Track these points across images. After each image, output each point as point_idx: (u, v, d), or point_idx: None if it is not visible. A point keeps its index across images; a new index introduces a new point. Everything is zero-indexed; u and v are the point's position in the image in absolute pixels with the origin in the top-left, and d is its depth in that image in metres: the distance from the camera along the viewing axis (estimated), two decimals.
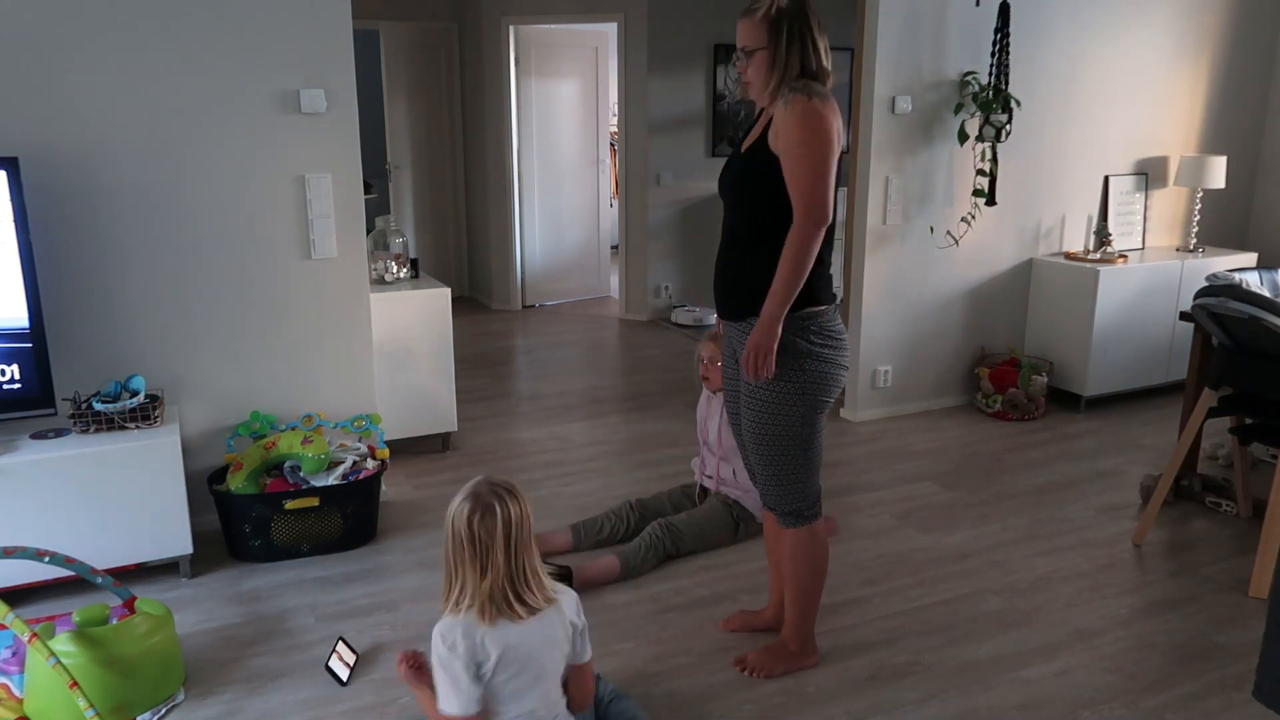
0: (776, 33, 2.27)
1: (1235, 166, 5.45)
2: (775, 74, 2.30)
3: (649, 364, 5.91)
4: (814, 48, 2.30)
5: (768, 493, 2.52)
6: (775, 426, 2.41)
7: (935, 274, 4.79)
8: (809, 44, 2.30)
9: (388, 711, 2.49)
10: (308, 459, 3.28)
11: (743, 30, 2.33)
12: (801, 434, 2.42)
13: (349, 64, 3.44)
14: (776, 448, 2.43)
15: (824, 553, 2.59)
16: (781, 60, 2.29)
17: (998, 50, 4.54)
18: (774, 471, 2.47)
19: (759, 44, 2.29)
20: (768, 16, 2.27)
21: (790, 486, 2.48)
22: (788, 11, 2.27)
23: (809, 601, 2.62)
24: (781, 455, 2.44)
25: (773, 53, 2.29)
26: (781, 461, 2.45)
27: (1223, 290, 3.17)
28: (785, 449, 2.43)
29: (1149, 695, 2.56)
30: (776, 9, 2.27)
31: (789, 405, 2.38)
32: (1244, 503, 3.68)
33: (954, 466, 4.20)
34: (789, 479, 2.47)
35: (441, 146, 7.56)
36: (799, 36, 2.28)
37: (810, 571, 2.58)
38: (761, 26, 2.28)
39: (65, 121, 3.09)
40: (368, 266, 3.72)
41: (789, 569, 2.60)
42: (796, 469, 2.46)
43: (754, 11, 2.30)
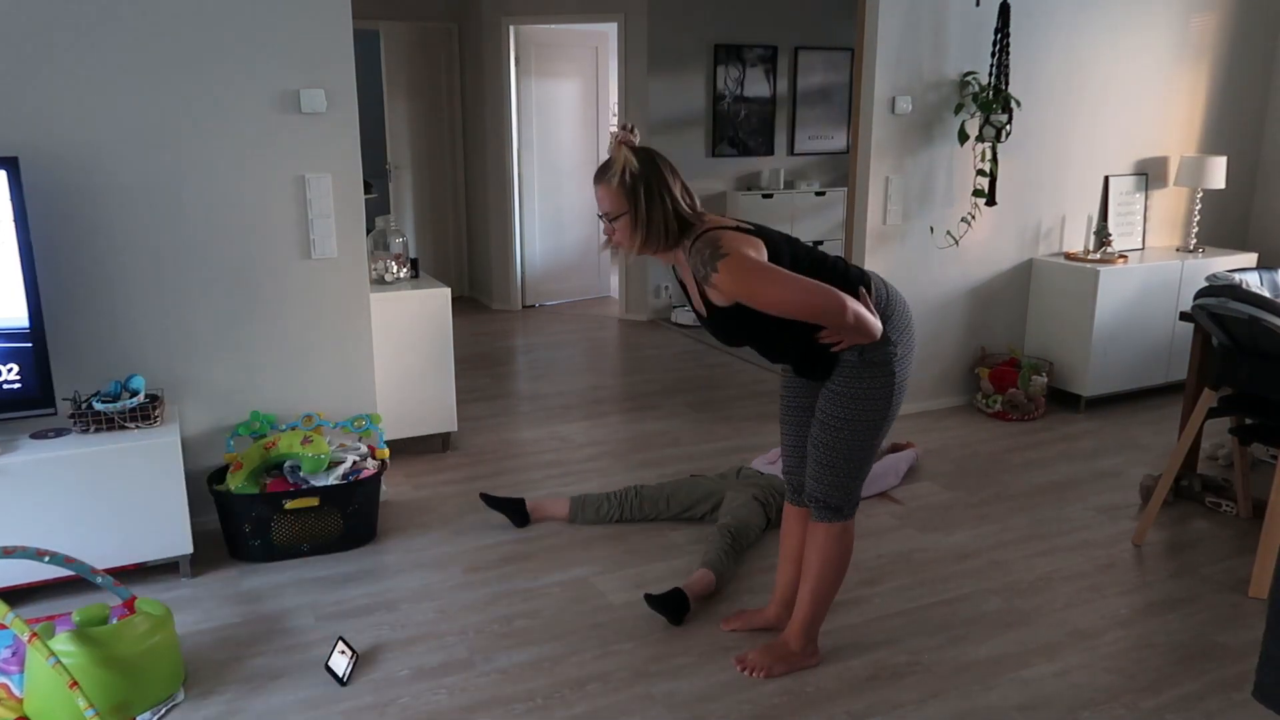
0: (634, 196, 2.31)
1: (1235, 166, 5.46)
2: (640, 233, 2.34)
3: (649, 364, 5.91)
4: (673, 198, 2.33)
5: (818, 484, 2.53)
6: (858, 432, 2.45)
7: (935, 274, 4.79)
8: (667, 198, 2.33)
9: (388, 711, 2.49)
10: (308, 459, 3.28)
11: (601, 195, 2.36)
12: (875, 439, 2.49)
13: (349, 64, 3.44)
14: (848, 448, 2.47)
15: (849, 553, 2.61)
16: (643, 220, 2.33)
17: (998, 50, 4.54)
18: (834, 467, 2.49)
19: (620, 209, 2.33)
20: (623, 183, 2.30)
21: (844, 482, 2.51)
22: (641, 174, 2.31)
23: (823, 600, 2.63)
24: (849, 455, 2.48)
25: (634, 215, 2.33)
26: (846, 460, 2.48)
27: (1223, 290, 3.17)
28: (855, 450, 2.47)
29: (1149, 695, 2.56)
30: (630, 175, 2.30)
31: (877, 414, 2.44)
32: (1244, 503, 3.68)
33: (954, 466, 4.20)
34: (846, 475, 2.50)
35: (441, 146, 7.56)
36: (657, 194, 2.32)
37: (834, 569, 2.60)
38: (618, 193, 2.31)
39: (65, 121, 3.09)
40: (368, 266, 3.72)
41: (814, 563, 2.60)
42: (856, 467, 2.50)
43: (607, 178, 2.33)
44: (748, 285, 2.27)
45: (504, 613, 2.97)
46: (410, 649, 2.77)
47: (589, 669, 2.67)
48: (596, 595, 3.07)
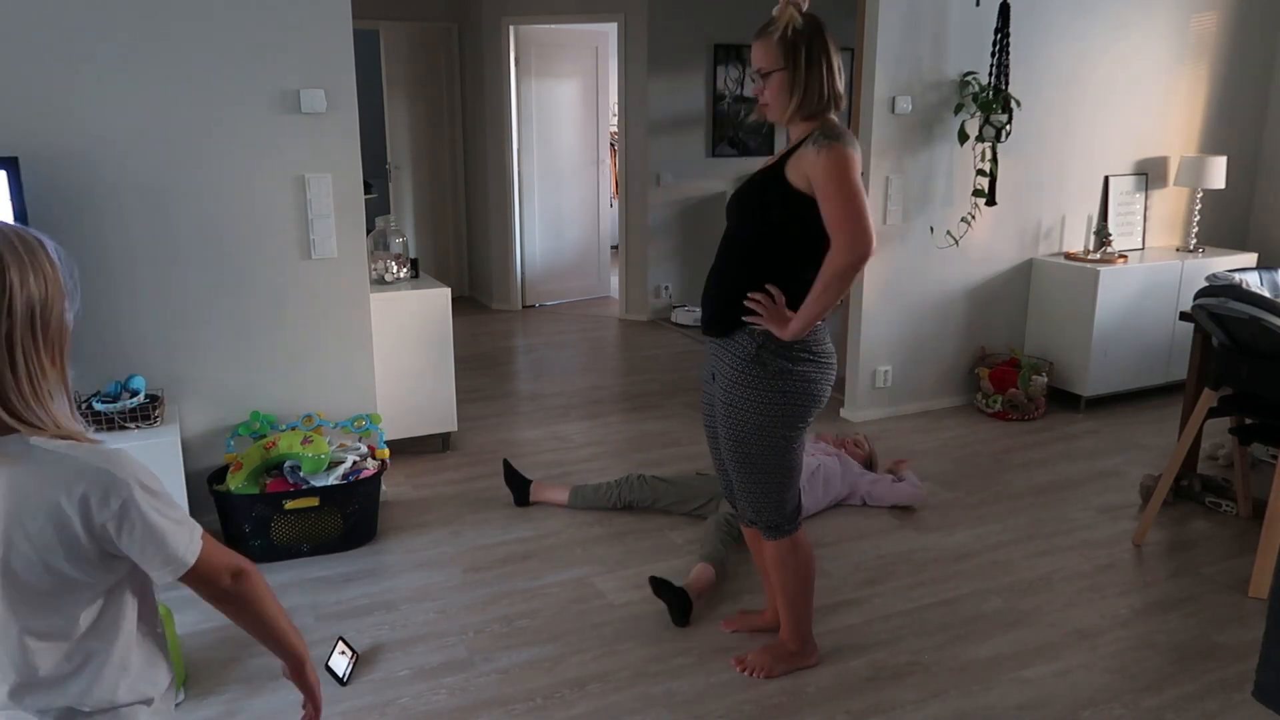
0: (795, 55, 2.24)
1: (1235, 166, 5.45)
2: (794, 97, 2.27)
3: (649, 364, 5.91)
4: (830, 71, 2.27)
5: (746, 506, 2.53)
6: (755, 443, 2.41)
7: (935, 274, 4.79)
8: (827, 67, 2.26)
9: (388, 711, 2.49)
10: (308, 459, 3.28)
11: (759, 51, 2.28)
12: (780, 450, 2.42)
13: (349, 64, 3.44)
14: (755, 463, 2.43)
15: (808, 561, 2.59)
16: (801, 83, 2.25)
17: (998, 50, 4.54)
18: (753, 486, 2.47)
19: (776, 65, 2.26)
20: (784, 39, 2.23)
21: (769, 500, 2.48)
22: (805, 33, 2.24)
23: (800, 607, 2.62)
24: (760, 470, 2.44)
25: (791, 75, 2.25)
26: (760, 476, 2.45)
27: (1223, 290, 3.17)
28: (764, 464, 2.43)
29: (1149, 695, 2.56)
30: (793, 30, 2.23)
31: (769, 423, 2.38)
32: (1244, 503, 3.67)
33: (954, 466, 4.20)
34: (768, 493, 2.47)
35: (441, 146, 7.55)
36: (817, 60, 2.25)
37: (796, 580, 2.58)
38: (778, 49, 2.24)
39: (65, 121, 3.09)
40: (368, 266, 3.72)
41: (776, 579, 2.61)
42: (775, 483, 2.46)
43: (770, 33, 2.26)
44: (838, 174, 2.20)
45: (504, 613, 2.97)
46: (410, 649, 2.77)
47: (589, 669, 2.67)
48: (596, 595, 3.07)
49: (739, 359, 2.38)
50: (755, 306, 2.33)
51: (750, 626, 2.86)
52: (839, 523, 3.60)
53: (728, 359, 2.42)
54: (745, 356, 2.37)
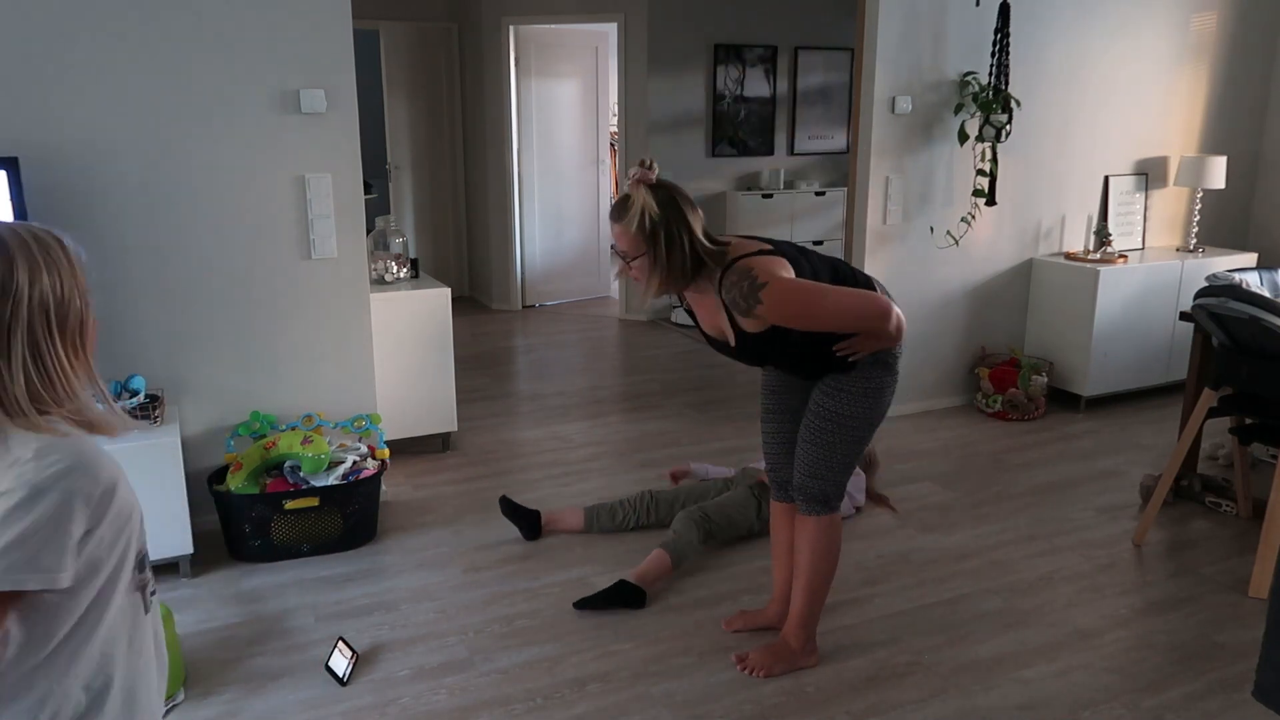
0: (653, 240, 2.28)
1: (1235, 166, 5.45)
2: (659, 274, 2.31)
3: (649, 364, 5.91)
4: (692, 236, 2.30)
5: (807, 477, 2.54)
6: (851, 426, 2.47)
7: (935, 274, 4.79)
8: (687, 238, 2.29)
9: (388, 711, 2.49)
10: (308, 459, 3.28)
11: (618, 234, 2.32)
12: (867, 434, 2.52)
13: (349, 64, 3.44)
14: (841, 442, 2.49)
15: (838, 545, 2.63)
16: (663, 263, 2.30)
17: (998, 50, 4.54)
18: (825, 460, 2.51)
19: (638, 250, 2.30)
20: (641, 227, 2.27)
21: (832, 475, 2.52)
22: (660, 216, 2.26)
23: (818, 593, 2.64)
24: (841, 448, 2.49)
25: (653, 257, 2.30)
26: (837, 454, 2.50)
27: (1223, 290, 3.17)
28: (847, 443, 2.49)
29: (1149, 695, 2.56)
30: (650, 219, 2.26)
31: (874, 410, 2.47)
32: (1244, 503, 3.67)
33: (954, 466, 4.20)
34: (835, 468, 2.52)
35: (441, 146, 7.55)
36: (677, 236, 2.28)
37: (825, 561, 2.61)
38: (636, 236, 2.28)
39: (65, 121, 3.09)
40: (368, 266, 3.72)
41: (805, 557, 2.60)
42: (845, 462, 2.52)
43: (625, 220, 2.28)
44: (797, 308, 2.27)
45: (504, 613, 2.97)
46: (410, 649, 2.77)
47: (589, 669, 2.67)
48: None
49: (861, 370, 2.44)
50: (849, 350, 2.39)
51: (751, 625, 2.86)
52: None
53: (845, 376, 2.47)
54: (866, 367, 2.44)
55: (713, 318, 2.43)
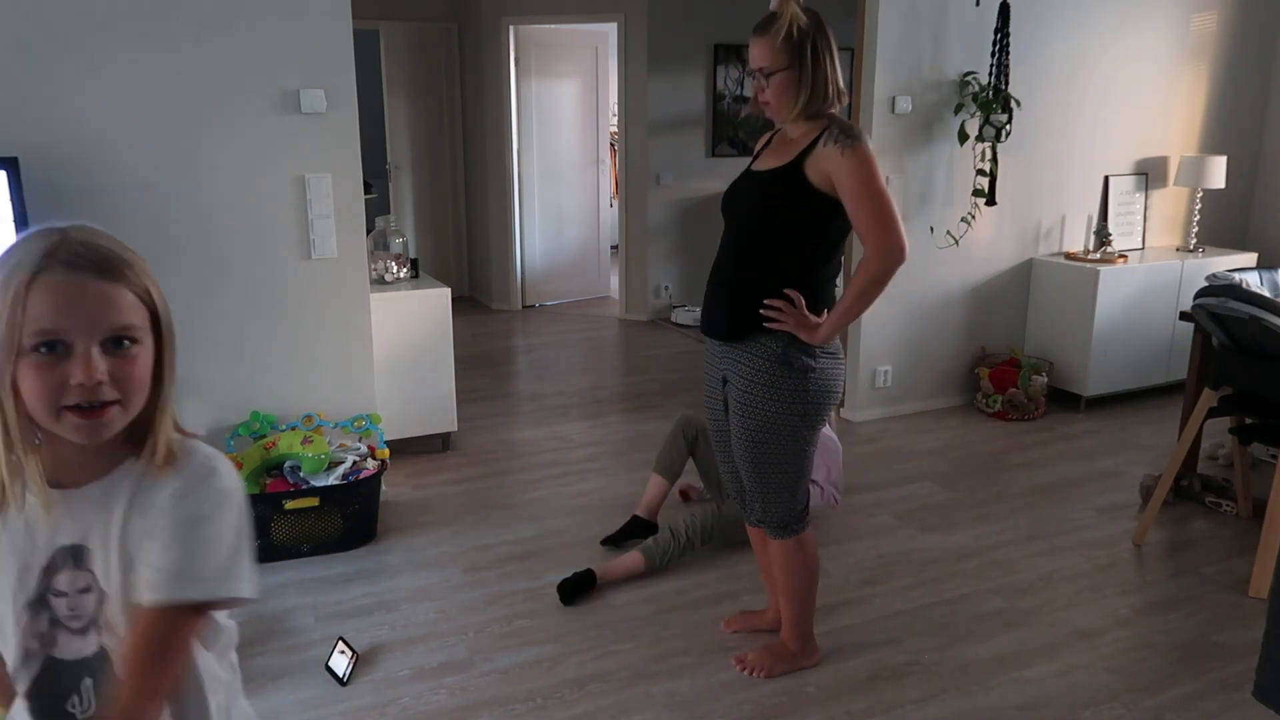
0: (800, 54, 2.18)
1: (1235, 166, 5.45)
2: (800, 96, 2.21)
3: (649, 364, 5.91)
4: (834, 67, 2.23)
5: (756, 506, 2.52)
6: (774, 441, 2.39)
7: (935, 274, 4.79)
8: (830, 64, 2.22)
9: (388, 711, 2.49)
10: (308, 459, 3.28)
11: (760, 50, 2.21)
12: (797, 448, 2.41)
13: (349, 64, 3.44)
14: (772, 461, 2.42)
15: (814, 561, 2.59)
16: (807, 82, 2.20)
17: (998, 50, 4.54)
18: (766, 485, 2.46)
19: (780, 65, 2.19)
20: (789, 37, 2.17)
21: (781, 499, 2.47)
22: (809, 31, 2.18)
23: (803, 607, 2.63)
24: (776, 468, 2.43)
25: (797, 74, 2.19)
26: (774, 475, 2.44)
27: (1223, 290, 3.17)
28: (781, 462, 2.42)
29: (1149, 695, 2.56)
30: (798, 29, 2.17)
31: (792, 421, 2.37)
32: (1244, 503, 3.67)
33: (954, 466, 4.20)
34: (780, 492, 2.46)
35: (441, 146, 7.55)
36: (822, 57, 2.20)
37: (801, 580, 2.59)
38: (782, 48, 2.18)
39: (65, 121, 3.09)
40: (368, 266, 3.72)
41: (781, 579, 2.60)
42: (788, 482, 2.45)
43: (772, 31, 2.18)
44: (868, 176, 2.18)
45: (504, 613, 2.97)
46: (410, 649, 2.77)
47: (589, 669, 2.67)
48: (596, 595, 3.07)
49: (761, 359, 2.34)
50: (777, 315, 2.29)
51: (750, 626, 2.86)
52: (839, 522, 3.60)
53: (746, 360, 2.37)
54: (769, 357, 2.33)
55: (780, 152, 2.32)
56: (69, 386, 1.00)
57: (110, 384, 1.01)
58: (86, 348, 1.00)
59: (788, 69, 2.20)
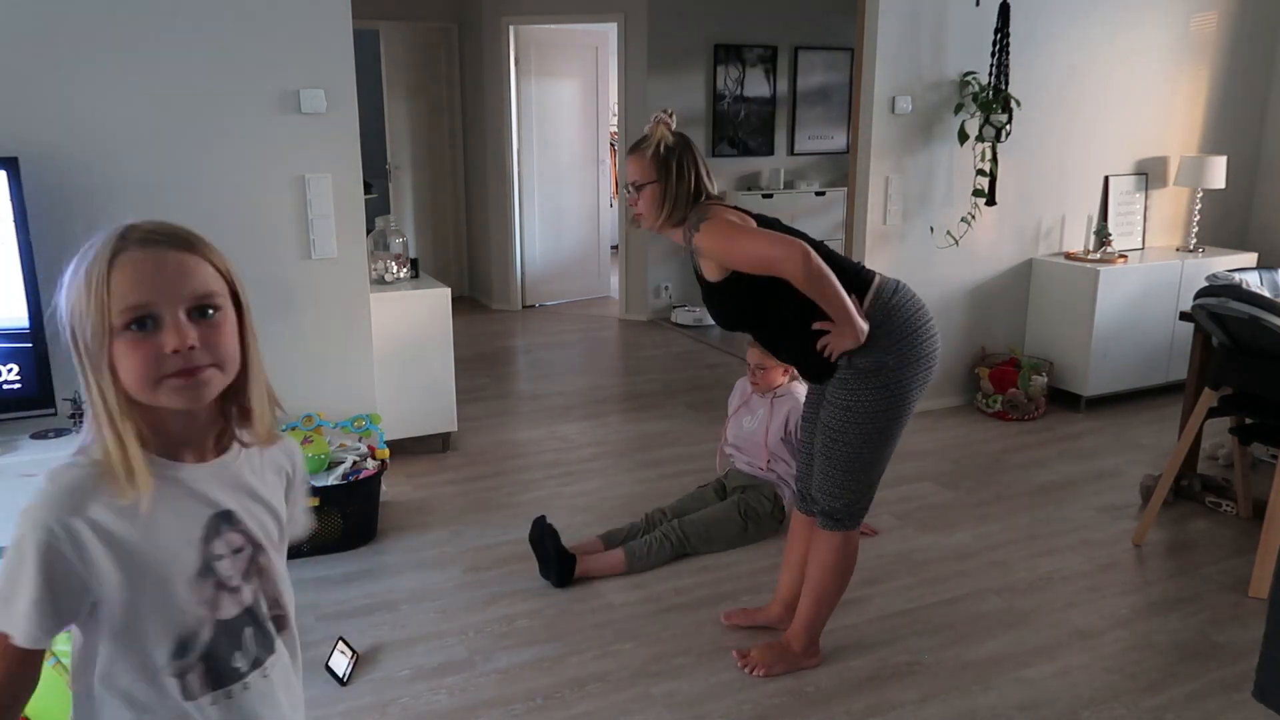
0: (665, 169, 2.43)
1: (1235, 166, 5.45)
2: (666, 206, 2.45)
3: (649, 364, 5.91)
4: (698, 176, 2.46)
5: (821, 492, 2.52)
6: (843, 436, 2.43)
7: (935, 274, 4.79)
8: (694, 174, 2.45)
9: (388, 711, 2.49)
10: (308, 459, 3.28)
11: (633, 165, 2.47)
12: (878, 441, 2.46)
13: (349, 64, 3.44)
14: (840, 454, 2.45)
15: (853, 561, 2.61)
16: (671, 193, 2.44)
17: (998, 50, 4.54)
18: (830, 474, 2.48)
19: (649, 179, 2.44)
20: (656, 154, 2.43)
21: (841, 491, 2.49)
22: (674, 148, 2.44)
23: (824, 605, 2.63)
24: (843, 462, 2.46)
25: (663, 187, 2.44)
26: (839, 468, 2.47)
27: (1223, 290, 3.17)
28: (848, 458, 2.45)
29: (1149, 695, 2.56)
30: (665, 147, 2.43)
31: (859, 418, 2.42)
32: (1244, 503, 3.67)
33: (954, 466, 4.20)
34: (847, 486, 2.48)
35: (441, 146, 7.55)
36: (686, 173, 2.44)
37: (835, 577, 2.60)
38: (651, 164, 2.43)
39: (65, 121, 3.09)
40: (368, 266, 3.72)
41: (815, 571, 2.60)
42: (852, 478, 2.48)
43: (642, 148, 2.45)
44: (720, 241, 2.37)
45: (504, 613, 2.97)
46: (410, 649, 2.77)
47: (589, 669, 2.67)
48: (596, 595, 3.07)
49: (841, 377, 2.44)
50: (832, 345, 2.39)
51: (750, 622, 2.87)
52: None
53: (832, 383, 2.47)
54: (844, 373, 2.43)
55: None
56: (164, 356, 1.04)
57: (203, 349, 1.06)
58: (174, 317, 1.05)
59: (655, 182, 2.45)
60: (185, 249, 1.09)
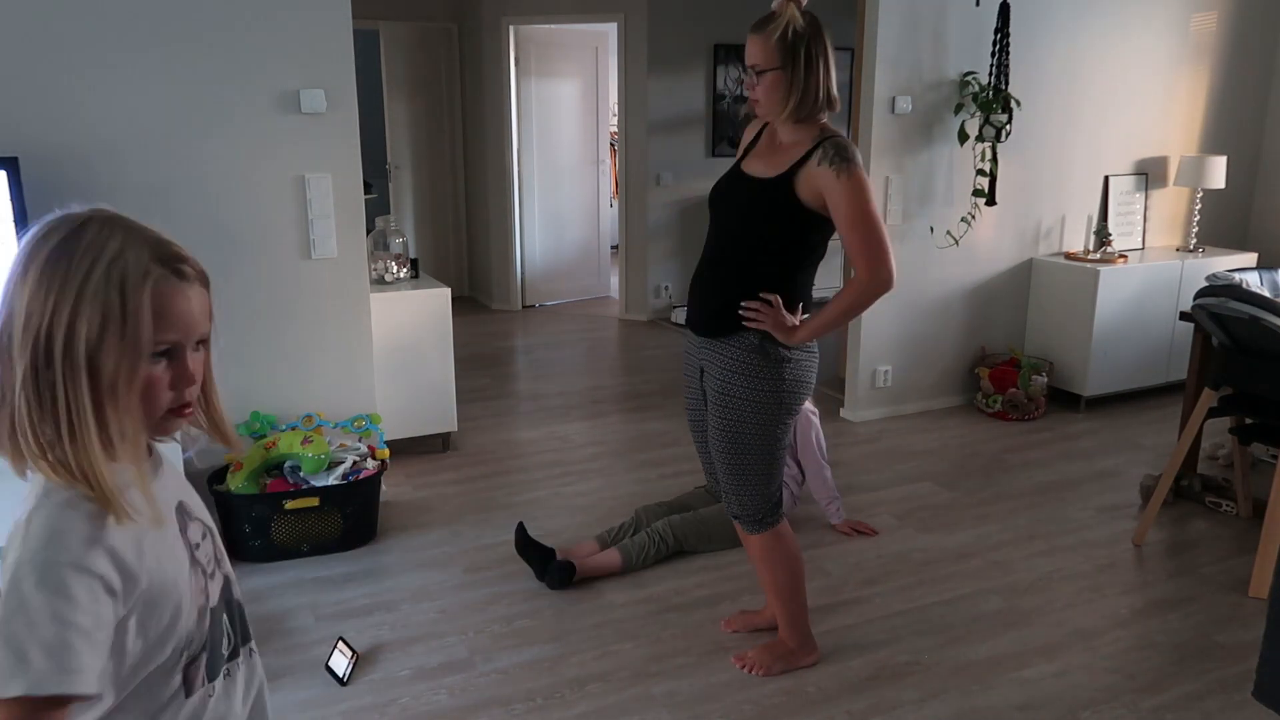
0: (793, 56, 2.19)
1: (1235, 166, 5.45)
2: (791, 99, 2.23)
3: (649, 364, 5.91)
4: (828, 74, 2.24)
5: (731, 499, 2.52)
6: (748, 432, 2.40)
7: (935, 274, 4.79)
8: (824, 70, 2.23)
9: (388, 711, 2.49)
10: (308, 459, 3.28)
11: (755, 48, 2.22)
12: (770, 440, 2.43)
13: (349, 64, 3.44)
14: (745, 452, 2.43)
15: (794, 553, 2.59)
16: (799, 85, 2.21)
17: (998, 50, 4.54)
18: (740, 476, 2.47)
19: (773, 64, 2.20)
20: (784, 37, 2.18)
21: (754, 492, 2.48)
22: (805, 33, 2.19)
23: (792, 602, 2.63)
24: (748, 461, 2.44)
25: (789, 75, 2.20)
26: (747, 467, 2.45)
27: (1223, 290, 3.17)
28: (753, 454, 2.43)
29: (1149, 695, 2.56)
30: (793, 31, 2.18)
31: (766, 411, 2.38)
32: (1244, 503, 3.67)
33: (954, 466, 4.20)
34: (753, 484, 2.47)
35: (441, 146, 7.55)
36: (815, 62, 2.21)
37: (785, 573, 2.59)
38: (777, 47, 2.19)
39: (66, 121, 3.09)
40: (368, 266, 3.72)
41: (764, 574, 2.61)
42: (761, 474, 2.46)
43: (768, 30, 2.20)
44: (860, 194, 2.20)
45: (504, 613, 2.97)
46: (410, 649, 2.77)
47: (589, 669, 2.67)
48: (596, 595, 3.07)
49: (738, 350, 2.37)
50: (756, 316, 2.32)
51: (750, 626, 2.86)
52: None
53: (724, 351, 2.39)
54: (746, 348, 2.36)
55: (770, 158, 2.34)
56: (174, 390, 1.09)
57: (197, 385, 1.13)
58: (186, 352, 1.12)
59: (780, 69, 2.21)
60: (207, 287, 1.17)
